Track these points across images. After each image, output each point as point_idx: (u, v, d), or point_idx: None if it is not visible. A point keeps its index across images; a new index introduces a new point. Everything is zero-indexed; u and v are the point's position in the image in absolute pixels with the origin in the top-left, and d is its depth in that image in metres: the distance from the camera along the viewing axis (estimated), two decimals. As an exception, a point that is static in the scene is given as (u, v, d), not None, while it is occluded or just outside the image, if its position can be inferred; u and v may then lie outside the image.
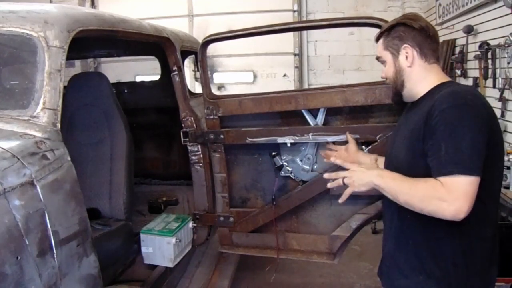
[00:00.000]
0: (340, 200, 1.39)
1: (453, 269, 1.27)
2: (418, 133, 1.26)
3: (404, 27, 1.37)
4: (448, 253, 1.27)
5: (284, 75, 5.69)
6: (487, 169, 1.18)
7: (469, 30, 3.66)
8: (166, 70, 3.10)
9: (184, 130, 2.38)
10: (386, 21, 1.90)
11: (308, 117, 2.14)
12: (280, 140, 2.16)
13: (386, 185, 1.26)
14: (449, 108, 1.19)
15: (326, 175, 1.44)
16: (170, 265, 2.27)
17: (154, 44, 2.46)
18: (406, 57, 1.36)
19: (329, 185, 1.43)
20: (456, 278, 1.27)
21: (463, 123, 1.17)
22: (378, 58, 1.47)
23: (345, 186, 1.41)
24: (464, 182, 1.14)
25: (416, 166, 1.26)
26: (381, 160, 1.59)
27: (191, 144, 2.37)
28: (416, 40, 1.35)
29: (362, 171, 1.33)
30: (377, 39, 1.46)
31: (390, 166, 1.42)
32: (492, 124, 1.23)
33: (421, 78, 1.37)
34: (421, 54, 1.36)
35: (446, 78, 1.38)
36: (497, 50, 3.17)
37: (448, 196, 1.13)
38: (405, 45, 1.36)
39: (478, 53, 3.42)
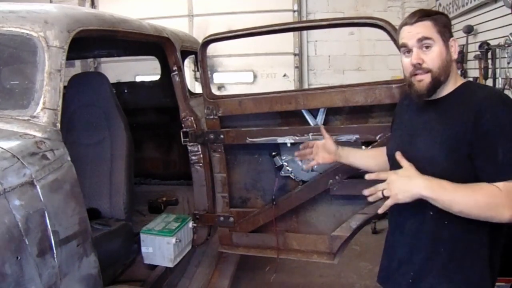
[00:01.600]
0: (380, 211, 1.27)
1: (488, 272, 1.26)
2: (462, 136, 1.20)
3: (447, 21, 1.31)
4: (485, 256, 1.26)
5: (284, 75, 5.69)
6: None
7: (469, 30, 3.66)
8: (166, 70, 3.10)
9: (184, 130, 2.38)
10: (386, 21, 1.90)
11: (308, 117, 2.14)
12: (280, 140, 2.16)
13: (439, 196, 1.16)
14: (502, 110, 1.17)
15: (366, 192, 1.28)
16: (170, 265, 2.27)
17: (154, 44, 2.46)
18: (451, 50, 1.29)
19: (370, 198, 1.28)
20: (489, 281, 1.27)
21: None
22: (422, 39, 1.26)
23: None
24: None
25: (458, 170, 1.21)
26: (369, 153, 1.64)
27: (191, 144, 2.37)
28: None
29: (405, 182, 1.19)
30: (418, 20, 1.28)
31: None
32: None
33: (454, 75, 1.31)
34: None
35: (463, 78, 1.38)
36: (497, 50, 3.17)
37: (507, 200, 1.11)
38: (453, 38, 1.29)
39: (478, 53, 3.42)
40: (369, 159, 1.69)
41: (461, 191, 1.15)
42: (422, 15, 1.29)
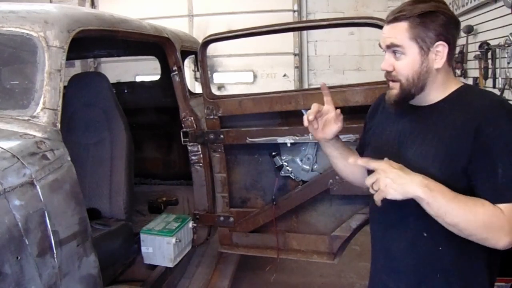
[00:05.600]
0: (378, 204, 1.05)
1: None
2: (460, 148, 1.05)
3: (445, 19, 1.08)
4: (483, 278, 1.14)
5: (284, 75, 5.69)
6: None
7: (469, 30, 3.66)
8: (166, 70, 3.10)
9: (184, 130, 2.38)
10: (386, 21, 1.90)
11: (308, 117, 2.14)
12: (280, 140, 2.17)
13: (435, 201, 0.99)
14: (507, 124, 1.03)
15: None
16: (170, 265, 2.27)
17: (154, 44, 2.46)
18: (436, 56, 1.09)
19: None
20: None
21: None
22: (390, 46, 1.11)
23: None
24: None
25: (453, 185, 1.03)
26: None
27: (191, 144, 2.38)
28: (451, 38, 1.10)
29: (399, 174, 1.00)
30: (393, 20, 1.10)
31: None
32: None
33: (443, 82, 1.13)
34: (449, 54, 1.10)
35: (459, 81, 1.20)
36: (497, 50, 3.16)
37: (507, 225, 0.98)
38: (440, 42, 1.08)
39: (478, 53, 3.42)
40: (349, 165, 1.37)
41: (462, 202, 0.99)
42: (400, 14, 1.09)
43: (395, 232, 1.19)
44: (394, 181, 1.00)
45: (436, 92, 1.14)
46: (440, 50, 1.09)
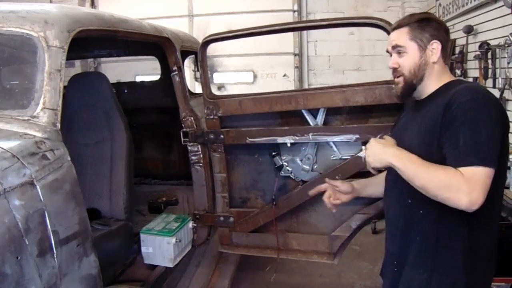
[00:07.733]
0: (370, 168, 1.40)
1: (462, 265, 1.27)
2: (434, 126, 1.26)
3: (437, 25, 1.38)
4: (458, 248, 1.27)
5: (284, 75, 5.69)
6: (497, 163, 1.19)
7: (469, 30, 3.66)
8: (166, 70, 3.10)
9: (184, 130, 2.38)
10: (386, 21, 1.91)
11: (308, 117, 2.14)
12: (280, 140, 2.16)
13: (404, 166, 1.25)
14: (469, 101, 1.20)
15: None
16: (170, 265, 2.27)
17: (154, 44, 2.46)
18: (431, 53, 1.36)
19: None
20: (464, 274, 1.27)
21: (482, 115, 1.19)
22: (395, 47, 1.40)
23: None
24: (483, 174, 1.14)
25: (432, 161, 1.24)
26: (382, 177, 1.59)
27: (191, 144, 2.37)
28: (443, 39, 1.37)
29: (379, 147, 1.33)
30: (397, 27, 1.40)
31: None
32: (505, 120, 1.25)
33: (438, 76, 1.38)
34: (443, 53, 1.37)
35: (454, 77, 1.42)
36: (497, 50, 3.17)
37: (466, 186, 1.13)
38: (434, 41, 1.35)
39: (478, 53, 3.42)
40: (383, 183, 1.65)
41: (426, 166, 1.21)
42: (401, 22, 1.40)
43: (391, 201, 1.48)
44: (373, 153, 1.34)
45: (432, 84, 1.38)
46: (435, 47, 1.36)
